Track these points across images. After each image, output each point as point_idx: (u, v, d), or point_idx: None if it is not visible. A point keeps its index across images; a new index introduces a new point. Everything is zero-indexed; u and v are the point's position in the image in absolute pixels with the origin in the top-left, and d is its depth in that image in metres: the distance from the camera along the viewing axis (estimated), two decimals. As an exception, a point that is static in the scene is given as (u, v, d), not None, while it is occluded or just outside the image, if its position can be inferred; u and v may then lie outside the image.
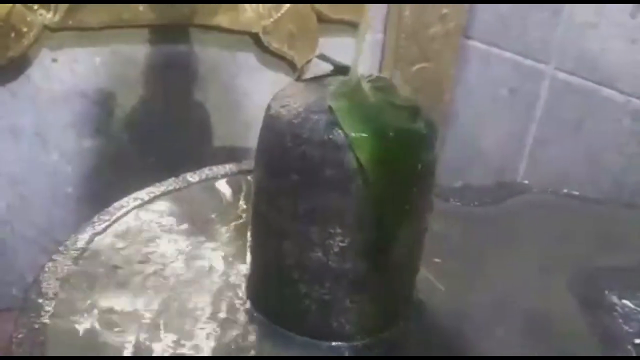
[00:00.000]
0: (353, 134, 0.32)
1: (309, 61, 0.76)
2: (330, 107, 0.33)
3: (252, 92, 0.78)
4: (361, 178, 0.33)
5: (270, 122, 0.35)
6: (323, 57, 0.38)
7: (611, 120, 0.69)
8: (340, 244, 0.35)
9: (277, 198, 0.35)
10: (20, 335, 0.35)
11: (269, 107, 0.36)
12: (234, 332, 0.38)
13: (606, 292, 0.44)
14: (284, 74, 0.78)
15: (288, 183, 0.34)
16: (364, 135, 0.32)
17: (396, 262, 0.36)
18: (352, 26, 0.81)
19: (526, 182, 0.58)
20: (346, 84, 0.36)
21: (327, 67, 0.39)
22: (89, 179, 0.73)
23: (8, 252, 0.71)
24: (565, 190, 0.57)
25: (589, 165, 0.71)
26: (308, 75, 0.76)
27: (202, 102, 0.76)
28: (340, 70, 0.38)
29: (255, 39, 0.74)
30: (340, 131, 0.33)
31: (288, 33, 0.75)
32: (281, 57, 0.76)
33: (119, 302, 0.40)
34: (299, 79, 0.39)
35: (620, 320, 0.42)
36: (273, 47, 0.75)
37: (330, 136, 0.33)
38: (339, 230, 0.34)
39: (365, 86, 0.36)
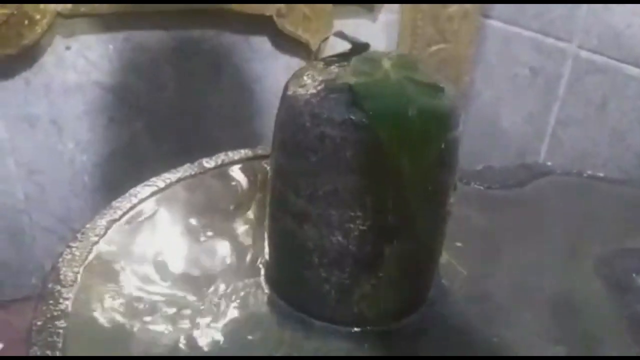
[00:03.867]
0: (373, 113, 0.31)
1: (325, 39, 0.75)
2: (349, 86, 0.32)
3: (267, 77, 0.77)
4: (382, 159, 0.32)
5: (288, 102, 0.34)
6: (341, 35, 0.37)
7: (636, 99, 0.66)
8: (361, 227, 0.34)
9: (296, 180, 0.34)
10: (39, 323, 0.35)
11: (286, 87, 0.35)
12: (252, 318, 0.37)
13: (634, 274, 0.43)
14: (299, 58, 0.77)
15: (307, 164, 0.33)
16: (385, 113, 0.31)
17: (418, 246, 0.35)
18: (366, 8, 0.79)
19: (549, 163, 0.57)
20: (366, 62, 0.35)
21: (343, 47, 0.38)
22: (104, 167, 0.73)
23: (26, 241, 0.71)
24: (589, 172, 0.55)
25: (612, 146, 0.69)
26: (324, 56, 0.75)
27: (216, 87, 0.76)
28: (360, 48, 0.37)
29: (269, 22, 0.73)
30: (360, 110, 0.31)
31: (302, 16, 0.74)
32: (296, 41, 0.75)
33: (138, 289, 0.39)
34: (316, 59, 0.38)
35: (650, 304, 0.40)
36: (287, 30, 0.74)
37: (351, 115, 0.31)
38: (359, 214, 0.33)
39: (386, 63, 0.34)
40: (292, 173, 0.35)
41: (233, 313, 0.38)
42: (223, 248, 0.44)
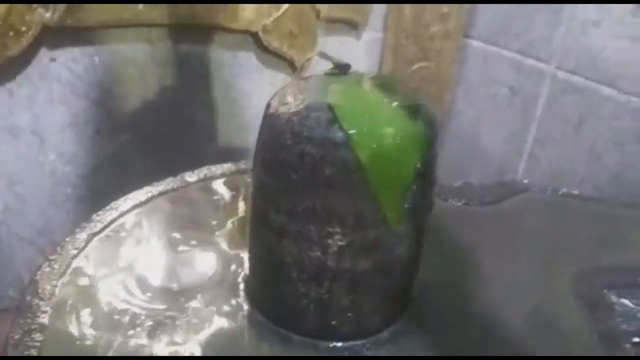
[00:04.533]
0: (352, 132, 0.32)
1: (308, 59, 0.76)
2: (329, 105, 0.33)
3: (252, 92, 0.77)
4: (360, 177, 0.33)
5: (270, 120, 0.35)
6: (323, 55, 0.38)
7: (611, 119, 0.68)
8: (339, 243, 0.34)
9: (276, 196, 0.35)
10: (16, 336, 0.35)
11: (268, 105, 0.36)
12: (231, 332, 0.38)
13: (605, 291, 0.44)
14: (284, 74, 0.78)
15: (287, 181, 0.34)
16: (363, 132, 0.32)
17: (396, 262, 0.36)
18: (351, 25, 0.81)
19: (525, 181, 0.58)
20: (346, 82, 0.35)
21: (327, 66, 0.39)
22: (88, 179, 0.73)
23: (5, 253, 0.71)
24: (564, 190, 0.57)
25: (588, 165, 0.71)
26: (308, 74, 0.76)
27: (202, 102, 0.76)
28: (341, 67, 0.38)
29: (255, 38, 0.74)
30: (339, 129, 0.32)
31: (288, 32, 0.75)
32: (281, 57, 0.76)
33: (117, 302, 0.39)
34: (299, 77, 0.39)
35: (620, 319, 0.41)
36: (272, 47, 0.75)
37: (330, 134, 0.32)
38: (338, 230, 0.34)
39: (366, 83, 0.35)
40: (273, 189, 0.35)
41: (212, 327, 0.38)
42: (204, 261, 0.44)
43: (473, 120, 0.86)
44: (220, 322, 0.38)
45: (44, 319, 0.37)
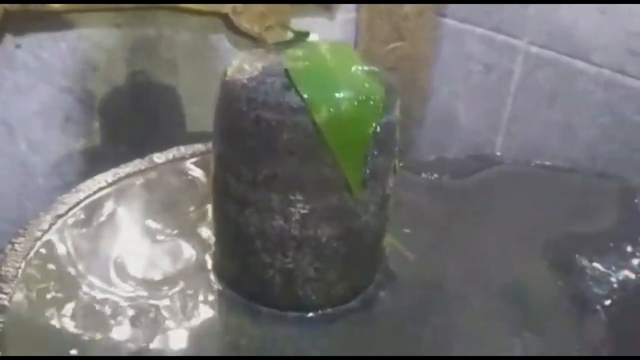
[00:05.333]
0: (307, 96, 0.31)
1: (268, 28, 0.75)
2: (285, 70, 0.32)
3: (225, 75, 0.76)
4: (319, 141, 0.32)
5: (226, 88, 0.34)
6: (283, 25, 0.38)
7: (584, 92, 0.68)
8: (302, 210, 0.34)
9: (236, 165, 0.34)
10: (-24, 317, 0.34)
11: (224, 73, 0.35)
12: (200, 307, 0.37)
13: (577, 256, 0.44)
14: (257, 56, 0.77)
15: (245, 149, 0.33)
16: (319, 97, 0.32)
17: (359, 229, 0.36)
18: (323, 7, 0.80)
19: (499, 154, 0.58)
20: (304, 48, 0.35)
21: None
22: (59, 169, 0.71)
23: (-22, 245, 0.70)
24: (537, 161, 0.57)
25: (563, 138, 0.71)
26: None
27: (174, 86, 0.75)
28: (300, 36, 0.37)
29: (226, 20, 0.73)
30: (295, 93, 0.32)
31: (259, 13, 0.74)
32: (253, 38, 0.75)
33: (81, 283, 0.39)
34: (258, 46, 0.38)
35: (591, 283, 0.41)
36: (244, 28, 0.74)
37: (286, 98, 0.32)
38: (299, 197, 0.34)
39: (323, 50, 0.35)
40: (232, 159, 0.35)
41: (180, 302, 0.37)
42: (173, 240, 0.44)
43: (450, 98, 0.85)
44: (188, 297, 0.38)
45: (5, 301, 0.36)
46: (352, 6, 0.82)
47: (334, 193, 0.34)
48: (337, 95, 0.32)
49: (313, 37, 0.37)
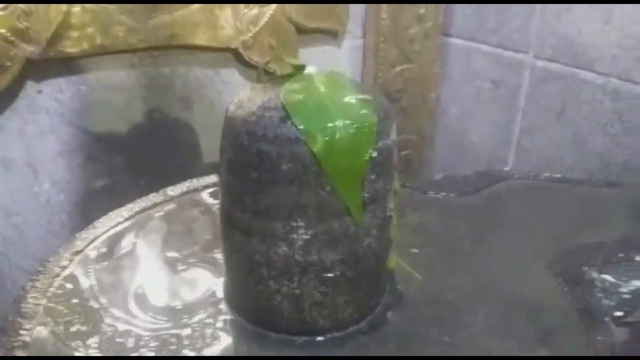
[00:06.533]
0: (302, 127, 0.33)
1: (267, 62, 0.77)
2: (282, 104, 0.34)
3: (237, 107, 0.79)
4: (316, 170, 0.33)
5: (228, 123, 0.36)
6: (279, 61, 0.39)
7: (593, 102, 0.68)
8: (304, 236, 0.35)
9: (240, 196, 0.36)
10: None
11: (227, 110, 0.37)
12: (209, 334, 0.38)
13: (585, 268, 0.44)
14: (268, 87, 0.79)
15: (248, 180, 0.35)
16: (314, 127, 0.33)
17: (363, 252, 0.37)
18: (331, 34, 0.82)
19: (507, 169, 0.58)
20: (300, 81, 0.37)
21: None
22: (82, 205, 0.74)
23: (6, 283, 0.72)
24: (546, 174, 0.57)
25: (575, 149, 0.71)
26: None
27: (189, 121, 0.78)
28: (297, 69, 0.39)
29: (236, 54, 0.76)
30: (292, 125, 0.33)
31: (268, 46, 0.77)
32: (264, 70, 0.77)
33: (100, 318, 0.40)
34: (259, 80, 0.40)
35: (600, 295, 0.41)
36: (254, 61, 0.76)
37: (283, 130, 0.33)
38: (301, 223, 0.35)
39: (318, 82, 0.36)
40: (237, 190, 0.36)
41: (190, 329, 0.39)
42: (187, 271, 0.45)
43: (459, 117, 0.86)
44: (198, 325, 0.39)
45: (27, 337, 0.38)
46: (358, 33, 0.84)
47: (334, 218, 0.35)
48: (331, 124, 0.33)
49: (310, 69, 0.38)
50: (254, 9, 0.74)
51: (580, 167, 0.71)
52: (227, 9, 0.72)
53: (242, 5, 0.73)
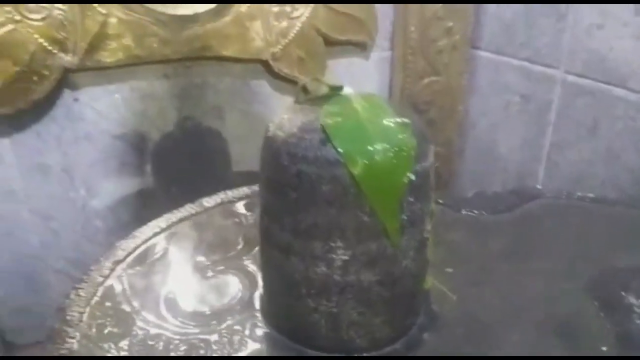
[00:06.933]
0: (343, 150, 0.33)
1: (304, 85, 0.78)
2: (322, 126, 0.35)
3: (267, 117, 0.79)
4: (356, 192, 0.34)
5: (268, 143, 0.37)
6: (316, 81, 0.40)
7: (625, 119, 0.68)
8: (343, 257, 0.35)
9: (280, 215, 0.37)
10: (46, 362, 0.37)
11: (267, 130, 0.38)
12: (246, 349, 0.39)
13: (623, 293, 0.43)
14: (298, 98, 0.80)
15: (288, 200, 0.36)
16: (353, 150, 0.34)
17: (400, 273, 0.37)
18: (359, 46, 0.83)
19: (539, 187, 0.58)
20: (339, 103, 0.37)
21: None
22: (116, 211, 0.76)
23: (42, 286, 0.74)
24: (579, 194, 0.56)
25: (607, 166, 0.71)
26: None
27: (220, 130, 0.79)
28: (335, 90, 0.39)
29: (266, 66, 0.77)
30: (332, 148, 0.34)
31: (297, 58, 0.77)
32: (293, 82, 0.78)
33: (143, 325, 0.41)
34: (297, 100, 0.40)
35: (639, 321, 0.41)
36: (284, 73, 0.77)
37: (323, 153, 0.34)
38: (340, 244, 0.35)
39: (357, 104, 0.37)
40: (276, 209, 0.37)
41: (226, 344, 0.39)
42: (223, 283, 0.46)
43: (489, 130, 0.86)
44: (235, 340, 0.40)
45: (73, 345, 0.39)
46: (386, 44, 0.84)
47: (373, 240, 0.35)
48: (370, 147, 0.34)
49: (347, 90, 0.39)
50: (284, 22, 0.75)
51: (611, 182, 0.70)
52: (258, 21, 0.73)
53: (272, 18, 0.74)
